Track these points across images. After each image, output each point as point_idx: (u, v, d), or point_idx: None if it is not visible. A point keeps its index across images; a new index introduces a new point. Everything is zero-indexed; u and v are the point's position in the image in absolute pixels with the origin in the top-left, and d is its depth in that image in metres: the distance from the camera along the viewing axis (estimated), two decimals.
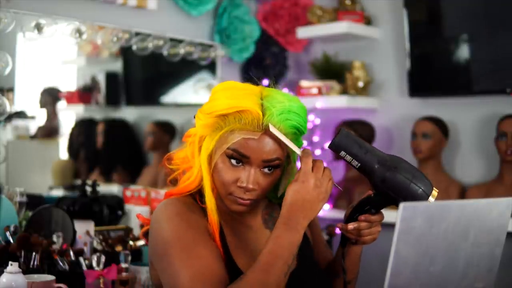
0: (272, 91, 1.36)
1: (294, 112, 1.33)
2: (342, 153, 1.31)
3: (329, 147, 1.33)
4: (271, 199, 1.50)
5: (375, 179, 1.30)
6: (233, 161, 1.32)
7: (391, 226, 1.29)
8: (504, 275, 1.77)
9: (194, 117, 1.42)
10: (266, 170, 1.34)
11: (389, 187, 1.29)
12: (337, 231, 2.64)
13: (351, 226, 1.35)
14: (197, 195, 1.40)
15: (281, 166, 1.36)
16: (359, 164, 1.31)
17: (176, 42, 2.91)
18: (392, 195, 1.29)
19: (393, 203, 1.31)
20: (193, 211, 1.35)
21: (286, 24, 3.27)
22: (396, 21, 3.05)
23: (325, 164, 1.34)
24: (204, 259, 1.25)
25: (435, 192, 1.29)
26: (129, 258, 2.09)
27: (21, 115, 2.67)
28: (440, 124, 2.79)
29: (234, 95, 1.32)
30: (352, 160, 1.31)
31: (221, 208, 1.38)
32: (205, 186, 1.35)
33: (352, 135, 1.32)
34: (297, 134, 1.35)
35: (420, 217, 1.04)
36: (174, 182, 1.46)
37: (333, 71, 3.17)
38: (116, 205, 2.55)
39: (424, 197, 1.26)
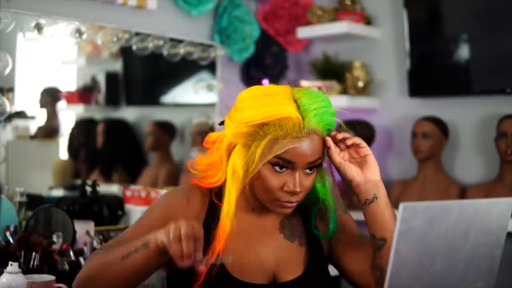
0: (301, 91, 1.35)
1: (327, 111, 1.35)
2: None
3: None
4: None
5: None
6: (277, 168, 1.32)
7: None
8: (504, 276, 1.77)
9: (220, 124, 1.42)
10: (307, 170, 1.34)
11: None
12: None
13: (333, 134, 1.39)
14: (214, 190, 1.41)
15: (321, 165, 1.38)
16: None
17: (176, 42, 2.91)
18: None
19: None
20: (190, 206, 1.39)
21: (286, 24, 3.27)
22: (396, 21, 3.05)
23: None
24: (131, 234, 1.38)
25: None
26: None
27: (21, 115, 2.67)
28: (440, 124, 2.79)
29: (269, 102, 1.31)
30: None
31: (244, 207, 1.41)
32: (230, 193, 1.34)
33: None
34: (329, 130, 1.38)
35: (420, 217, 1.04)
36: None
37: (333, 71, 3.17)
38: (116, 205, 2.55)
39: None
